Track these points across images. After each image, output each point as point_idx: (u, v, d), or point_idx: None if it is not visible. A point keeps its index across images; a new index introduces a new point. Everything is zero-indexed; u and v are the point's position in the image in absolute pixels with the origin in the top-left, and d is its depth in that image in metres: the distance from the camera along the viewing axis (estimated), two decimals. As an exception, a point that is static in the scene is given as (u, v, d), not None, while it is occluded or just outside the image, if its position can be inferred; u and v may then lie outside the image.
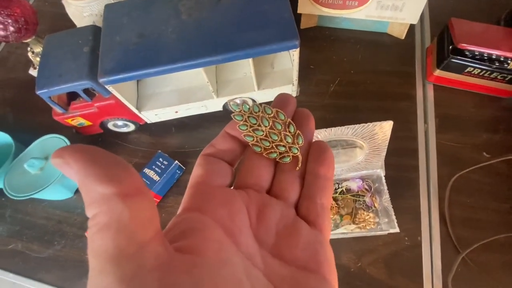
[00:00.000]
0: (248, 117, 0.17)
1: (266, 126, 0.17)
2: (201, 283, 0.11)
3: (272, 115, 0.17)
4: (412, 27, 0.52)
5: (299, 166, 0.17)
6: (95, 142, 0.49)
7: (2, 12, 0.43)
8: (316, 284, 0.14)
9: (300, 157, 0.17)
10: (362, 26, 0.53)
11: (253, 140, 0.17)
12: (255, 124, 0.17)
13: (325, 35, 0.54)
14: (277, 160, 0.17)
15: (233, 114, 0.17)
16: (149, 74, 0.36)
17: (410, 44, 0.52)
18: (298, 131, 0.17)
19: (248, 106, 0.17)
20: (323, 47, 0.53)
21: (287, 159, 0.17)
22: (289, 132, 0.17)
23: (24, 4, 0.45)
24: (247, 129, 0.17)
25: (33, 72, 0.56)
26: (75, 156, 0.10)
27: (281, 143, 0.17)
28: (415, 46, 0.52)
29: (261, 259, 0.14)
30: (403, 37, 0.52)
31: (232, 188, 0.16)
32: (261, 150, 0.17)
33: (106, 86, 0.37)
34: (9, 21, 0.44)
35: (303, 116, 0.18)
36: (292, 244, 0.15)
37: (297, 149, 0.17)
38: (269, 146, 0.17)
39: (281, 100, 0.18)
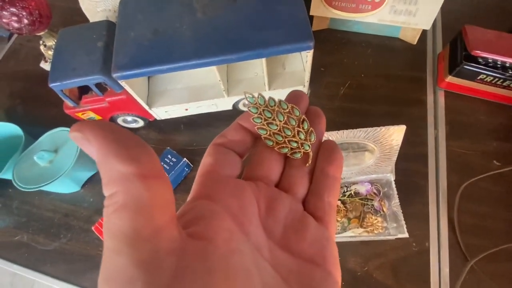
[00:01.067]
0: (263, 110, 0.17)
1: (280, 121, 0.17)
2: (213, 270, 0.11)
3: (287, 110, 0.17)
4: (424, 32, 0.52)
5: (309, 163, 0.17)
6: (103, 137, 0.49)
7: (18, 4, 0.43)
8: (321, 277, 0.14)
9: (311, 154, 0.17)
10: (374, 30, 0.53)
11: (266, 133, 0.17)
12: (270, 117, 0.17)
13: (337, 38, 0.54)
14: (288, 155, 0.17)
15: (248, 106, 0.17)
16: (163, 71, 0.36)
17: (422, 50, 0.52)
18: (311, 128, 0.17)
19: (264, 99, 0.17)
20: (334, 50, 0.53)
21: (298, 155, 0.17)
22: (303, 128, 0.17)
23: (39, -3, 0.46)
24: (261, 122, 0.17)
25: (44, 65, 0.57)
26: (95, 132, 0.10)
27: (293, 139, 0.17)
28: (426, 52, 0.52)
29: (269, 251, 0.14)
30: (415, 43, 0.52)
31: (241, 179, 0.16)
32: (273, 144, 0.17)
33: (119, 81, 0.37)
34: (24, 13, 0.44)
35: (315, 115, 0.18)
36: (300, 237, 0.15)
37: (309, 146, 0.17)
38: (281, 140, 0.17)
39: (295, 96, 0.18)
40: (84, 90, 0.44)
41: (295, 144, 0.17)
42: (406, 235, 0.36)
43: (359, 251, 0.39)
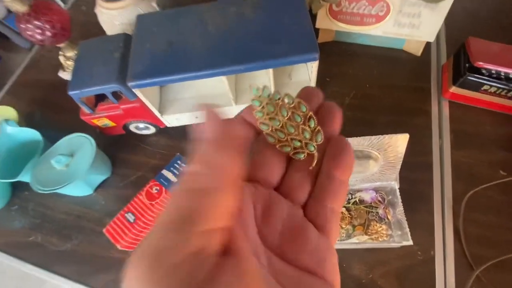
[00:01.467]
0: (267, 104, 0.15)
1: (284, 116, 0.15)
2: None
3: (292, 105, 0.16)
4: (428, 44, 0.53)
5: (313, 165, 0.15)
6: (116, 143, 0.51)
7: (42, 18, 0.46)
8: None
9: (316, 156, 0.15)
10: (378, 42, 0.55)
11: (269, 129, 0.15)
12: (273, 112, 0.15)
13: (342, 49, 0.56)
14: (290, 155, 0.16)
15: (252, 98, 0.16)
16: (175, 80, 0.38)
17: (426, 61, 0.53)
18: (318, 127, 0.15)
19: (268, 92, 0.16)
20: (340, 61, 0.55)
21: (301, 156, 0.16)
22: (309, 126, 0.15)
23: (62, 12, 0.49)
24: (263, 116, 0.15)
25: (63, 74, 0.60)
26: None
27: (297, 138, 0.15)
28: (431, 63, 0.53)
29: (265, 257, 0.14)
30: (419, 54, 0.53)
31: None
32: (274, 142, 0.16)
33: (134, 90, 0.40)
34: (47, 26, 0.47)
35: (329, 112, 0.16)
36: (298, 247, 0.14)
37: (314, 146, 0.15)
38: (284, 138, 0.16)
39: (306, 93, 0.17)
40: (100, 97, 0.46)
41: (298, 144, 0.15)
42: (410, 242, 0.36)
43: (364, 259, 0.39)
